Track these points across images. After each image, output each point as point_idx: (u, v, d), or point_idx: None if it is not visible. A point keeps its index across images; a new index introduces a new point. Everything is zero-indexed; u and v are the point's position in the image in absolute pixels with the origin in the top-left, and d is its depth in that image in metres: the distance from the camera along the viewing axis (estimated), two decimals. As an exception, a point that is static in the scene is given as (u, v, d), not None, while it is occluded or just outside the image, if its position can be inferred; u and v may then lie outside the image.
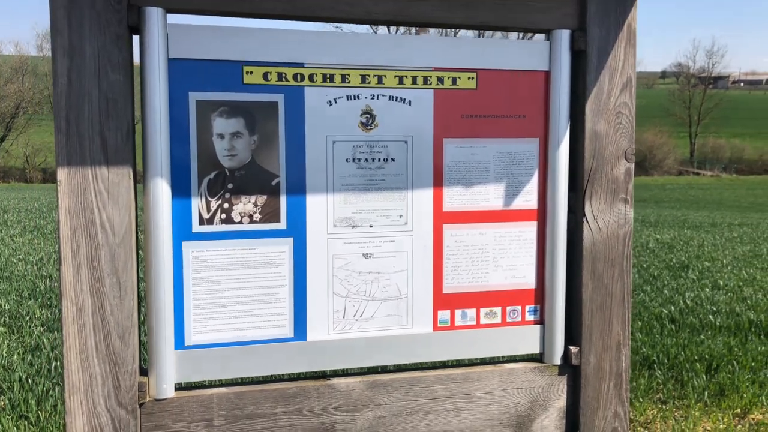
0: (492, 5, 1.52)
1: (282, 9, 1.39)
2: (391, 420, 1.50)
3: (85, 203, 1.30)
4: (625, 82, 1.57)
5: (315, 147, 1.43)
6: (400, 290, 1.52)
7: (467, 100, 1.52)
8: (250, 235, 1.41)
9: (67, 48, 1.27)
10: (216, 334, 1.41)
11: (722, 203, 33.18)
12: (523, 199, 1.57)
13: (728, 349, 5.85)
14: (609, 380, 1.61)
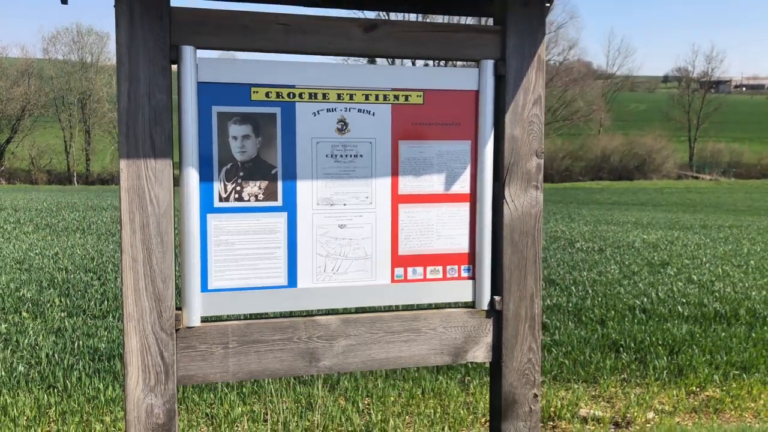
0: (437, 43, 2.06)
1: (280, 45, 1.93)
2: (359, 347, 2.04)
3: (138, 185, 1.83)
4: (536, 99, 2.11)
5: (303, 146, 1.97)
6: (366, 252, 2.05)
7: (416, 112, 2.05)
8: (255, 210, 1.95)
9: (128, 75, 1.80)
10: (230, 281, 1.94)
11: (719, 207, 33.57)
12: (459, 186, 2.11)
13: (690, 335, 6.40)
14: (525, 322, 2.14)
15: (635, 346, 6.08)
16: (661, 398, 5.15)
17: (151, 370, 1.86)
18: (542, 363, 5.62)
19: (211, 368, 1.93)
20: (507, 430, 2.16)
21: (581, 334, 6.33)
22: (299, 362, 2.00)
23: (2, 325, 5.99)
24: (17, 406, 4.32)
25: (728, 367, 5.70)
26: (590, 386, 5.29)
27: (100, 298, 6.94)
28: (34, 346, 5.45)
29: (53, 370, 4.94)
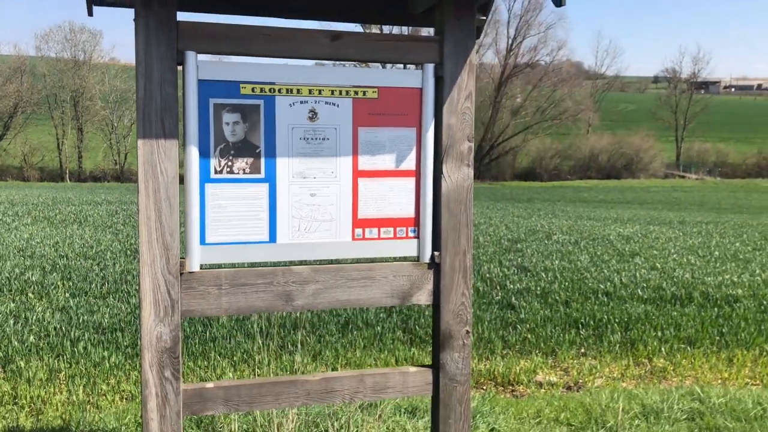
0: (389, 50, 2.59)
1: (263, 51, 2.45)
2: (326, 291, 2.57)
3: (152, 159, 2.35)
4: (468, 95, 2.64)
5: (281, 131, 2.49)
6: (332, 215, 2.58)
7: (372, 105, 2.59)
8: (243, 181, 2.47)
9: (144, 73, 2.32)
10: (223, 237, 2.47)
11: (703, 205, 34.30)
12: (406, 164, 2.64)
13: (645, 314, 6.99)
14: (459, 273, 2.68)
15: (594, 324, 6.65)
16: (612, 367, 5.72)
17: (161, 305, 2.39)
18: (507, 338, 6.19)
19: (207, 305, 2.46)
20: (445, 359, 2.70)
21: (546, 313, 6.89)
22: (278, 301, 2.53)
23: (11, 304, 6.48)
24: (31, 369, 4.82)
25: (676, 341, 6.28)
26: (549, 358, 5.84)
27: (100, 282, 7.44)
28: (41, 321, 5.95)
29: (61, 341, 5.45)
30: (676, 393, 4.52)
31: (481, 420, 3.80)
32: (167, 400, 2.42)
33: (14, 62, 47.07)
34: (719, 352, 6.05)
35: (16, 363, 4.94)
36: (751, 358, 5.97)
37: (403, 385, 2.73)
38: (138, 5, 2.29)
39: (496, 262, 9.47)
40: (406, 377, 2.74)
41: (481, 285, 7.96)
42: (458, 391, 2.73)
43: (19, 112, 46.12)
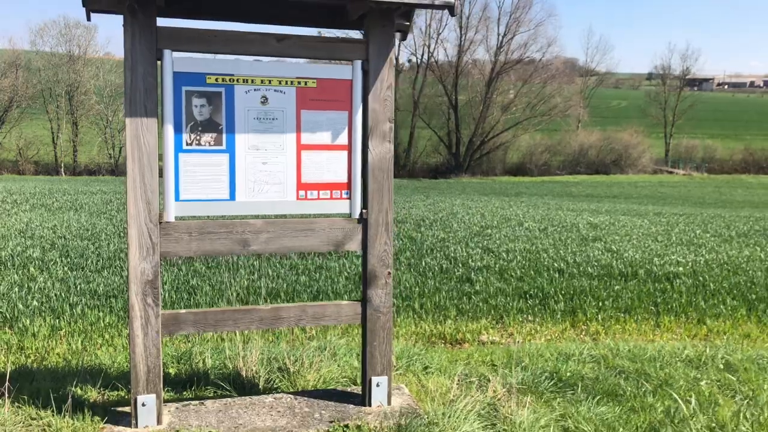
0: (325, 49, 3.29)
1: (225, 50, 3.14)
2: (275, 239, 3.27)
3: (137, 134, 3.04)
4: (389, 86, 3.34)
5: (239, 112, 3.18)
6: (280, 180, 3.28)
7: (312, 92, 3.28)
8: (209, 152, 3.16)
9: (130, 66, 3.01)
10: (193, 195, 3.16)
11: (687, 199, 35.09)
12: (340, 140, 3.34)
13: (589, 287, 7.71)
14: (382, 226, 3.38)
15: (542, 296, 7.37)
16: (551, 331, 6.44)
17: (144, 247, 3.08)
18: (462, 306, 6.90)
19: (180, 248, 3.16)
20: (370, 294, 3.40)
21: (500, 286, 7.61)
22: (237, 246, 3.23)
23: (15, 276, 7.16)
24: (35, 327, 5.50)
25: (614, 310, 7.01)
26: (498, 323, 6.56)
27: (96, 258, 8.12)
28: (43, 289, 6.64)
29: (61, 305, 6.14)
30: (593, 345, 5.24)
31: (418, 360, 4.51)
32: (149, 321, 3.12)
33: (9, 56, 47.44)
34: (649, 319, 6.78)
35: (22, 322, 5.62)
36: (676, 323, 6.71)
37: (338, 314, 3.45)
38: (126, 14, 2.98)
39: (463, 244, 10.19)
40: (340, 308, 3.45)
41: (445, 263, 8.68)
42: (381, 320, 3.44)
43: (15, 106, 46.53)
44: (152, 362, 3.14)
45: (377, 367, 3.45)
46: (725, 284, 8.00)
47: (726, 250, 10.59)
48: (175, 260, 8.09)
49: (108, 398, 3.59)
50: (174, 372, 4.06)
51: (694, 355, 4.80)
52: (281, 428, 3.17)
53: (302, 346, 4.22)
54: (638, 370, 4.40)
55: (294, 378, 3.90)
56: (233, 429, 3.14)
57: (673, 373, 4.32)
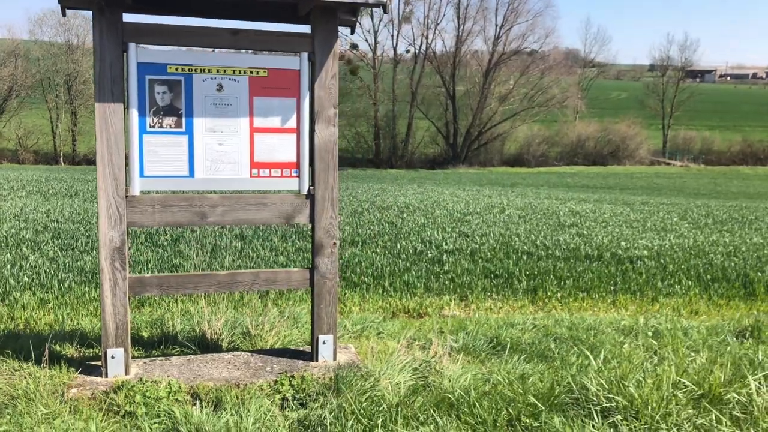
0: (275, 42, 3.67)
1: (184, 42, 3.53)
2: (230, 212, 3.67)
3: (105, 117, 3.43)
4: (333, 75, 3.73)
5: (197, 98, 3.58)
6: (235, 159, 3.67)
7: (263, 81, 3.67)
8: (170, 133, 3.56)
9: (99, 58, 3.40)
10: (156, 172, 3.55)
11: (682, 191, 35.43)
12: (289, 124, 3.73)
13: (554, 268, 8.11)
14: (327, 201, 3.78)
15: (507, 275, 7.77)
16: (511, 306, 6.84)
17: (112, 217, 3.48)
18: (429, 285, 7.29)
19: (145, 218, 3.56)
20: (318, 262, 3.80)
21: (468, 266, 8.02)
22: (196, 218, 3.63)
23: (8, 255, 7.58)
24: (25, 299, 5.92)
25: (573, 289, 7.41)
26: (462, 300, 6.96)
27: (85, 240, 8.53)
28: (34, 267, 7.05)
29: (50, 281, 6.55)
30: (538, 316, 5.65)
31: (373, 328, 4.92)
32: (117, 283, 3.53)
33: (8, 46, 47.73)
34: (606, 297, 7.19)
35: (13, 295, 6.04)
36: (632, 301, 7.11)
37: (288, 279, 3.85)
38: (94, 11, 3.37)
39: (440, 229, 10.59)
40: (290, 274, 3.86)
41: (420, 245, 9.09)
42: (327, 285, 3.85)
43: (14, 95, 46.88)
44: (120, 320, 3.55)
45: (323, 327, 3.86)
46: (683, 266, 8.41)
47: (695, 236, 10.99)
48: (161, 242, 8.51)
49: (84, 355, 4.01)
50: (147, 335, 4.47)
51: (628, 325, 5.21)
52: (235, 378, 3.58)
53: (266, 315, 4.63)
54: (573, 336, 4.81)
55: (254, 340, 4.31)
56: (192, 379, 3.56)
57: (604, 339, 4.73)
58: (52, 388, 3.38)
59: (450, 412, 3.09)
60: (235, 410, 3.07)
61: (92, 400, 3.30)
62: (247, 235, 9.17)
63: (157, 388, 3.35)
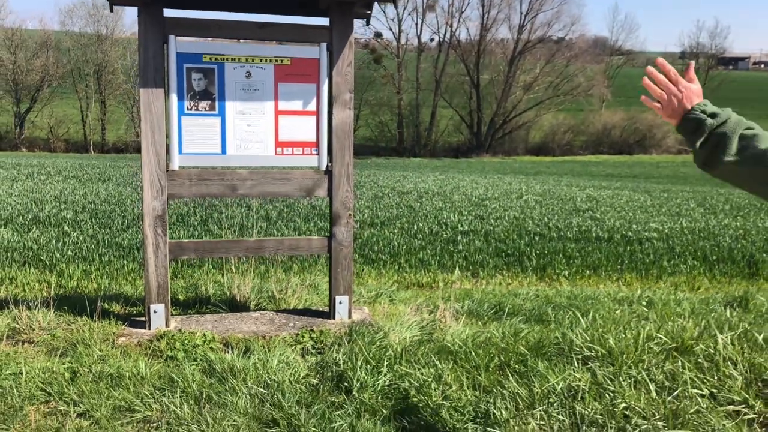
0: (297, 33, 4.11)
1: (217, 35, 3.99)
2: (258, 185, 4.13)
3: (148, 101, 3.91)
4: (349, 63, 4.16)
5: (229, 84, 4.04)
6: (261, 139, 4.13)
7: (287, 68, 4.11)
8: (205, 115, 4.03)
9: (144, 48, 3.87)
10: (193, 149, 4.03)
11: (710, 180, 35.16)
12: (310, 107, 4.17)
13: (563, 248, 8.48)
14: (343, 177, 4.22)
15: (518, 254, 8.16)
16: (520, 283, 7.24)
17: (154, 189, 3.97)
18: (443, 263, 7.72)
19: (183, 190, 4.04)
20: (335, 231, 4.26)
21: (480, 246, 8.42)
22: (227, 191, 4.10)
23: (52, 232, 8.17)
24: (70, 270, 6.48)
25: (582, 267, 7.78)
26: (473, 276, 7.37)
27: (121, 220, 9.11)
28: (76, 243, 7.63)
29: (91, 255, 7.11)
30: (541, 287, 6.05)
31: (387, 295, 5.37)
32: (159, 247, 4.02)
33: (40, 37, 48.90)
34: (613, 275, 7.55)
35: (60, 267, 6.60)
36: (637, 279, 7.46)
37: (309, 246, 4.32)
38: (139, 7, 3.84)
39: (457, 212, 11.00)
40: (311, 242, 4.32)
41: (436, 227, 9.51)
42: (343, 252, 4.30)
43: (46, 85, 48.04)
44: (161, 279, 4.05)
45: (340, 288, 4.32)
46: (691, 248, 8.71)
47: (707, 220, 11.24)
48: (192, 222, 9.04)
49: (129, 312, 4.53)
50: (183, 298, 4.97)
51: (625, 296, 5.59)
52: (262, 332, 4.06)
53: (288, 282, 5.11)
54: (571, 304, 5.21)
55: (279, 302, 4.79)
56: (224, 332, 4.04)
57: (600, 307, 5.12)
58: (104, 336, 3.89)
59: (448, 359, 3.52)
60: (261, 354, 3.54)
61: (138, 347, 3.80)
62: (272, 216, 9.67)
63: (193, 337, 3.84)
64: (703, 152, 1.68)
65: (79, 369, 3.39)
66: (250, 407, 3.01)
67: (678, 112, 1.79)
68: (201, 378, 3.30)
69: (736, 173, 1.60)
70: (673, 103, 1.81)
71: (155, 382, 3.26)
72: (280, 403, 3.02)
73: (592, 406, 3.01)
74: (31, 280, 6.14)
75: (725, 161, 1.61)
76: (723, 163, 1.62)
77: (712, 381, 3.25)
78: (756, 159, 1.55)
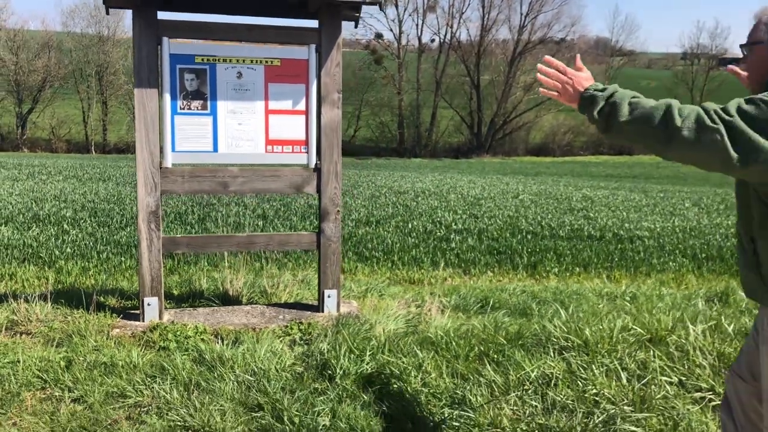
0: (287, 36, 4.25)
1: (209, 37, 4.13)
2: (248, 182, 4.27)
3: (142, 101, 4.05)
4: (337, 64, 4.29)
5: (220, 84, 4.17)
6: (252, 137, 4.27)
7: (277, 69, 4.25)
8: (197, 115, 4.16)
9: (138, 49, 4.01)
10: (185, 147, 4.17)
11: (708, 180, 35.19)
12: (300, 106, 4.31)
13: (555, 246, 8.60)
14: (332, 174, 4.36)
15: (510, 252, 8.29)
16: (510, 279, 7.36)
17: (149, 185, 4.11)
18: (435, 260, 7.85)
19: (176, 187, 4.17)
20: (323, 227, 4.39)
21: (473, 244, 8.55)
22: (219, 188, 4.24)
23: (52, 230, 8.32)
24: (68, 267, 6.62)
25: (572, 265, 7.90)
26: (464, 273, 7.51)
27: (120, 219, 9.26)
28: (75, 241, 7.77)
29: (90, 252, 7.25)
30: (528, 284, 6.18)
31: (377, 290, 5.50)
32: (152, 242, 4.16)
33: (42, 38, 49.10)
34: (603, 273, 7.67)
35: (59, 264, 6.74)
36: (627, 276, 7.59)
37: (299, 241, 4.45)
38: (134, 10, 3.98)
39: (452, 211, 11.13)
40: (300, 237, 4.46)
41: (430, 225, 9.64)
42: (332, 247, 4.44)
43: (47, 86, 48.25)
44: (155, 273, 4.19)
45: (328, 282, 4.46)
46: (681, 246, 8.84)
47: (698, 219, 11.36)
48: (189, 221, 9.19)
49: (124, 305, 4.66)
50: (177, 293, 5.11)
51: (610, 291, 5.72)
52: (252, 324, 4.20)
53: (280, 277, 5.25)
54: (556, 299, 5.34)
55: (270, 297, 4.93)
56: (215, 324, 4.18)
57: (584, 302, 5.25)
58: (99, 328, 4.03)
59: (430, 349, 3.66)
60: (250, 344, 3.68)
61: (132, 338, 3.94)
62: (269, 215, 9.81)
63: (185, 329, 3.98)
64: (601, 120, 1.93)
65: (74, 358, 3.53)
66: (236, 393, 3.15)
67: (575, 96, 2.04)
68: (191, 366, 3.43)
69: (629, 132, 1.88)
70: (567, 90, 2.06)
71: (147, 370, 3.40)
72: (266, 389, 3.16)
73: (564, 393, 3.14)
74: (30, 276, 6.27)
75: (620, 121, 1.88)
76: (618, 124, 1.88)
77: (682, 369, 3.38)
78: (644, 116, 1.84)
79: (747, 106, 1.79)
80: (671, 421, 2.91)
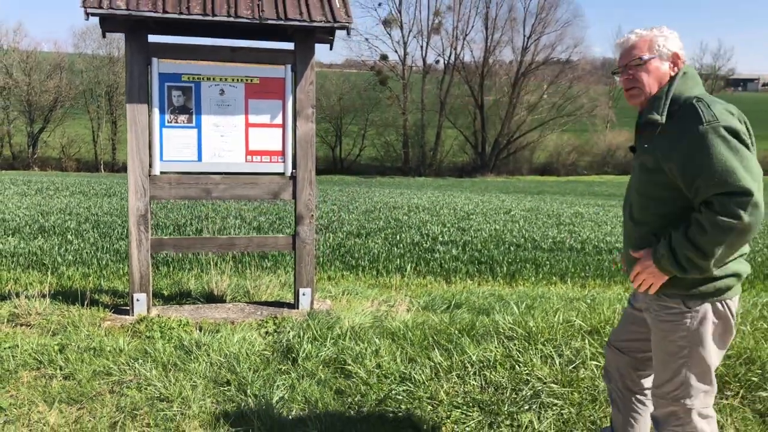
0: (266, 56, 4.70)
1: (195, 57, 4.58)
2: (229, 189, 4.69)
3: (134, 115, 4.50)
4: (311, 82, 4.74)
5: (204, 100, 4.62)
6: (233, 148, 4.70)
7: (256, 87, 4.70)
8: (183, 127, 4.61)
9: (130, 70, 4.47)
10: (172, 157, 4.60)
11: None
12: (276, 120, 4.75)
13: (535, 257, 8.96)
14: (306, 182, 4.78)
15: (491, 262, 8.66)
16: (488, 287, 7.72)
17: (138, 191, 4.54)
18: (419, 269, 8.22)
19: (164, 193, 4.60)
20: (299, 230, 4.80)
21: (457, 255, 8.92)
22: (203, 193, 4.67)
23: (56, 239, 8.77)
24: (70, 273, 7.05)
25: (549, 275, 8.26)
26: (445, 281, 7.87)
27: (121, 230, 9.70)
28: (77, 249, 8.21)
29: (90, 259, 7.68)
30: (497, 287, 6.55)
31: (354, 292, 5.89)
32: (141, 242, 4.58)
33: (54, 59, 50.17)
34: (578, 281, 8.02)
35: (61, 270, 7.18)
36: (601, 284, 7.94)
37: (276, 243, 4.87)
38: (126, 33, 4.44)
39: (441, 225, 11.52)
40: (277, 240, 4.87)
41: (418, 237, 10.04)
42: (306, 248, 4.84)
43: (58, 106, 49.20)
44: (144, 271, 4.60)
45: (303, 281, 4.86)
46: (657, 256, 9.17)
47: (681, 233, 11.68)
48: (187, 233, 9.62)
49: (116, 302, 5.08)
50: (167, 293, 5.52)
51: (574, 296, 6.08)
52: (231, 318, 4.60)
53: (263, 279, 5.65)
54: (520, 300, 5.71)
55: (252, 296, 5.33)
56: (198, 318, 4.58)
57: (545, 303, 5.61)
58: (92, 320, 4.44)
59: (388, 337, 4.04)
60: (225, 334, 4.07)
61: (121, 329, 4.34)
62: (264, 227, 10.23)
63: (170, 321, 4.38)
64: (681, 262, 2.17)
65: (67, 344, 3.94)
66: (209, 372, 3.54)
67: (657, 271, 2.24)
68: (171, 350, 3.83)
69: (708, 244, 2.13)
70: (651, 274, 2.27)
71: (131, 353, 3.80)
72: (235, 369, 3.55)
73: (501, 374, 3.51)
74: (33, 280, 6.69)
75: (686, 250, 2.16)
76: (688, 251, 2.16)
77: (611, 355, 3.74)
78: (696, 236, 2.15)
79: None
80: (590, 396, 3.28)
